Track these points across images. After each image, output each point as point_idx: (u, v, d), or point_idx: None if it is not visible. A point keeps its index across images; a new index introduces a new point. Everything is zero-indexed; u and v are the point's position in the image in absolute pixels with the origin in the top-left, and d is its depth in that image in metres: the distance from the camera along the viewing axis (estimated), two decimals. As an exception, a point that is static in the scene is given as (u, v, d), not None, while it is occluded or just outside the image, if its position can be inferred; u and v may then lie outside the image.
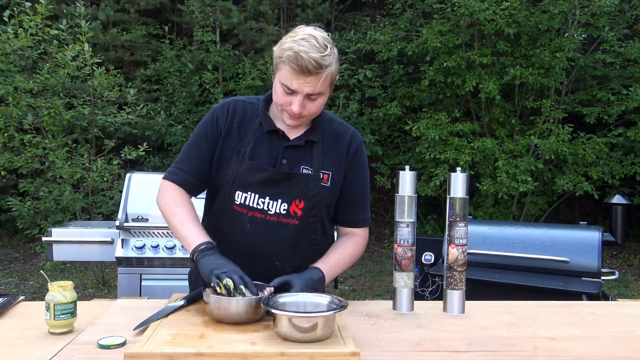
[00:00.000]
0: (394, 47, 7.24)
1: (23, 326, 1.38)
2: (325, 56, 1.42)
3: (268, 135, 1.59)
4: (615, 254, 7.49)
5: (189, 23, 8.46)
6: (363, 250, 1.71)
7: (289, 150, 1.58)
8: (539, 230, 3.18)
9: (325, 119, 1.65)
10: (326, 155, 1.61)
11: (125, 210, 3.13)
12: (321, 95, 1.50)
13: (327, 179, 1.60)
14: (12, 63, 5.19)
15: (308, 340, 1.21)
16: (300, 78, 1.43)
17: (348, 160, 1.64)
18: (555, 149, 6.10)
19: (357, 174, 1.66)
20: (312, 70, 1.41)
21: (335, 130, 1.65)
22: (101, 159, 5.54)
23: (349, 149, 1.64)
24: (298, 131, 1.61)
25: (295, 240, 1.58)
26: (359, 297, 5.55)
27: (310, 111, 1.52)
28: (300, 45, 1.41)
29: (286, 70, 1.44)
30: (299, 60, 1.40)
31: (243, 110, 1.63)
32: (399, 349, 1.27)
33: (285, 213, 1.57)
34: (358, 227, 1.70)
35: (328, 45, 1.45)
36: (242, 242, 1.58)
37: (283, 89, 1.48)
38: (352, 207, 1.68)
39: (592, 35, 6.84)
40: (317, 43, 1.42)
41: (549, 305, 1.71)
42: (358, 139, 1.68)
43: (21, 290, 5.58)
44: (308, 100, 1.49)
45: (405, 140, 7.85)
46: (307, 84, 1.44)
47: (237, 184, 1.57)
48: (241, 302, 1.34)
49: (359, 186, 1.68)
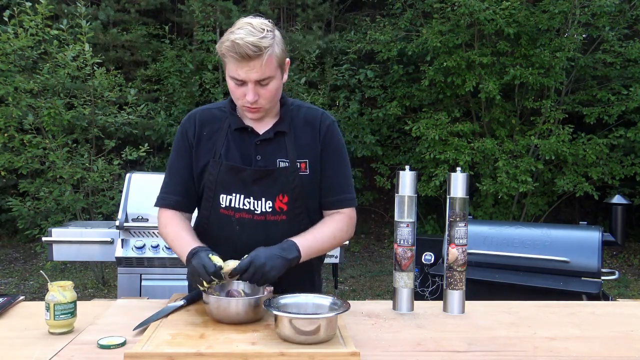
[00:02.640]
0: (394, 47, 7.24)
1: (23, 326, 1.38)
2: (262, 38, 1.43)
3: (238, 134, 1.60)
4: (615, 254, 7.48)
5: (189, 23, 8.46)
6: (348, 231, 1.65)
7: (261, 145, 1.58)
8: (539, 230, 3.18)
9: (292, 107, 1.64)
10: (300, 143, 1.60)
11: (125, 210, 3.13)
12: (271, 78, 1.49)
13: (305, 167, 1.59)
14: (12, 63, 5.19)
15: (310, 342, 1.20)
16: (244, 65, 1.44)
17: (321, 143, 1.62)
18: (556, 149, 6.10)
19: (333, 155, 1.64)
20: (252, 55, 1.42)
21: (304, 116, 1.64)
22: (101, 159, 5.54)
23: (320, 131, 1.62)
24: (266, 125, 1.60)
25: (286, 236, 1.56)
26: (359, 297, 5.54)
27: (265, 98, 1.51)
28: (236, 34, 1.43)
29: (230, 63, 1.46)
30: (237, 48, 1.41)
31: (210, 117, 1.64)
32: (399, 349, 1.27)
33: (271, 211, 1.57)
34: (341, 208, 1.66)
35: (265, 28, 1.46)
36: (234, 244, 1.58)
37: (233, 82, 1.49)
38: (332, 189, 1.64)
39: (592, 35, 6.84)
40: (253, 28, 1.44)
41: (549, 305, 1.71)
42: (328, 119, 1.66)
43: (21, 290, 5.58)
44: (260, 86, 1.49)
45: (405, 140, 7.85)
46: (252, 70, 1.45)
47: (220, 187, 1.58)
48: (241, 302, 1.35)
49: (336, 166, 1.64)
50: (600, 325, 1.50)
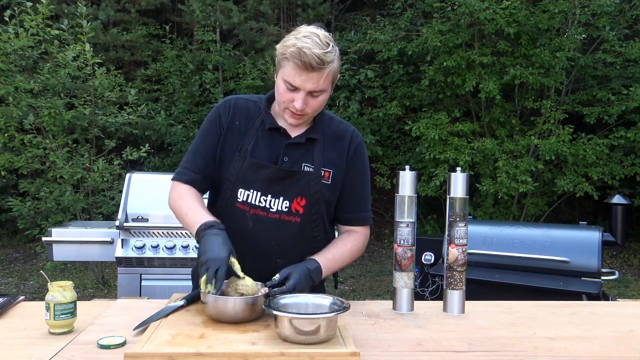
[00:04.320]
0: (394, 46, 7.25)
1: (23, 326, 1.38)
2: (327, 53, 1.45)
3: (269, 133, 1.60)
4: (615, 254, 7.48)
5: (189, 23, 8.47)
6: (362, 248, 1.71)
7: (290, 148, 1.59)
8: (539, 230, 3.18)
9: (325, 118, 1.66)
10: (327, 153, 1.62)
11: (125, 210, 3.13)
12: (323, 92, 1.51)
13: (328, 176, 1.61)
14: (13, 63, 5.20)
15: (310, 342, 1.20)
16: (303, 74, 1.45)
17: (348, 159, 1.65)
18: (556, 149, 6.10)
19: (358, 173, 1.67)
20: (315, 66, 1.43)
21: (335, 129, 1.67)
22: (102, 159, 5.54)
23: (350, 148, 1.65)
24: (299, 129, 1.62)
25: (297, 238, 1.59)
26: (359, 297, 5.54)
27: (312, 108, 1.53)
28: (303, 42, 1.43)
29: (289, 67, 1.46)
30: (302, 56, 1.42)
31: (245, 108, 1.64)
32: (399, 349, 1.27)
33: (287, 210, 1.58)
34: (358, 226, 1.71)
35: (330, 43, 1.47)
36: (245, 240, 1.58)
37: (286, 85, 1.49)
38: (352, 205, 1.68)
39: (592, 35, 6.84)
40: (320, 40, 1.45)
41: (549, 305, 1.71)
42: (358, 137, 1.69)
43: (21, 290, 5.58)
44: (310, 97, 1.50)
45: (405, 140, 7.85)
46: (309, 80, 1.46)
47: (240, 182, 1.58)
48: (238, 301, 1.34)
49: (359, 184, 1.68)
50: (600, 325, 1.50)
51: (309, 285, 1.48)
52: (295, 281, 1.43)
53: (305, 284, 1.46)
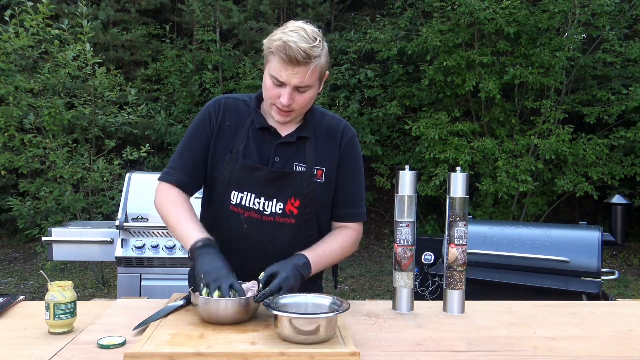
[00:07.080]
0: (394, 46, 7.25)
1: (23, 326, 1.38)
2: (314, 47, 1.43)
3: (260, 133, 1.59)
4: (615, 254, 7.48)
5: (189, 23, 8.47)
6: (355, 245, 1.68)
7: (281, 148, 1.57)
8: (539, 230, 3.18)
9: (317, 114, 1.64)
10: (320, 150, 1.60)
11: (125, 210, 3.13)
12: (310, 88, 1.50)
13: (321, 175, 1.59)
14: (13, 63, 5.20)
15: (310, 342, 1.20)
16: (289, 69, 1.44)
17: (340, 154, 1.63)
18: (556, 149, 6.10)
19: (350, 168, 1.64)
20: (301, 61, 1.42)
21: (327, 125, 1.65)
22: (102, 159, 5.54)
23: (342, 143, 1.63)
24: (290, 128, 1.60)
25: (293, 240, 1.58)
26: (359, 297, 5.54)
27: (299, 104, 1.51)
28: (290, 36, 1.42)
29: (275, 62, 1.45)
30: (288, 50, 1.41)
31: (236, 108, 1.63)
32: (398, 349, 1.26)
33: (281, 213, 1.56)
34: (351, 222, 1.68)
35: (318, 38, 1.46)
36: (240, 243, 1.58)
37: (272, 81, 1.48)
38: (345, 201, 1.65)
39: (592, 35, 6.84)
40: (307, 35, 1.44)
41: (549, 305, 1.70)
42: (351, 132, 1.67)
43: (21, 290, 5.58)
44: (297, 93, 1.49)
45: (405, 140, 7.85)
46: (295, 75, 1.44)
47: (233, 184, 1.57)
48: (230, 303, 1.32)
49: (352, 180, 1.66)
50: (600, 325, 1.50)
51: (298, 282, 1.43)
52: (281, 280, 1.38)
53: (294, 282, 1.41)
